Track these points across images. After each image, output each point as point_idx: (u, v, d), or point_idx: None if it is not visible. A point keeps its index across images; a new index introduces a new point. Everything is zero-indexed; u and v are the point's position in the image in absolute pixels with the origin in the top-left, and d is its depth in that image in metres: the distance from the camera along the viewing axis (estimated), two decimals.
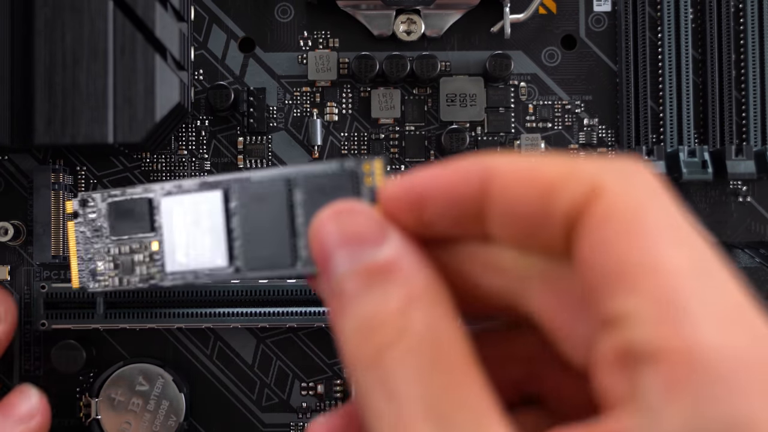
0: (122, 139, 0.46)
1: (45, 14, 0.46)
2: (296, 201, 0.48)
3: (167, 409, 0.54)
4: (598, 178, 0.28)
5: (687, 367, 0.24)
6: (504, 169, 0.30)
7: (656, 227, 0.27)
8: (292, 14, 0.57)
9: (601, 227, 0.27)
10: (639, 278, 0.26)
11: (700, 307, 0.25)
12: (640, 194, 0.28)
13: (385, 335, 0.30)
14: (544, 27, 0.57)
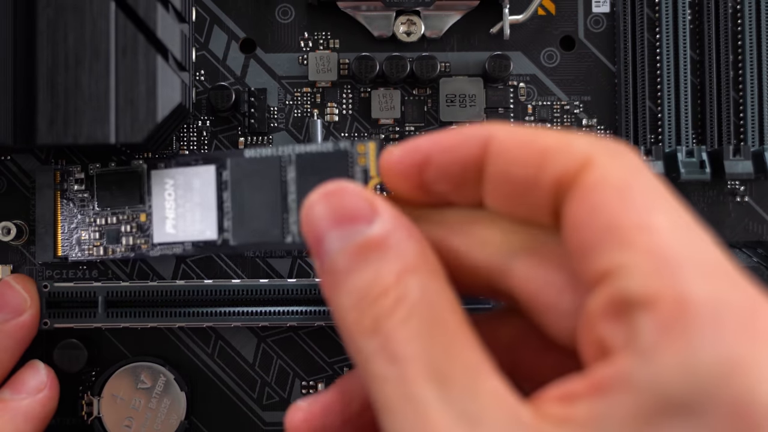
0: (124, 140, 0.46)
1: (47, 15, 0.46)
2: (288, 178, 0.49)
3: (169, 408, 0.54)
4: (590, 151, 0.30)
5: (679, 313, 0.26)
6: (503, 134, 0.32)
7: (644, 193, 0.29)
8: (292, 15, 0.57)
9: (593, 192, 0.29)
10: (631, 235, 0.28)
11: (688, 261, 0.27)
12: (629, 167, 0.30)
13: (384, 304, 0.31)
14: (543, 28, 0.57)
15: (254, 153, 0.50)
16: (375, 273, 0.31)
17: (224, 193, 0.51)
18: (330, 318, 0.53)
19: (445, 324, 0.31)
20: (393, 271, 0.31)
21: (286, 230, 0.49)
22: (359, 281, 0.32)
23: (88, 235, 0.54)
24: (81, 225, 0.54)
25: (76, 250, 0.54)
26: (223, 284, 0.54)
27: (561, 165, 0.30)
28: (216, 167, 0.52)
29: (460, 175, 0.33)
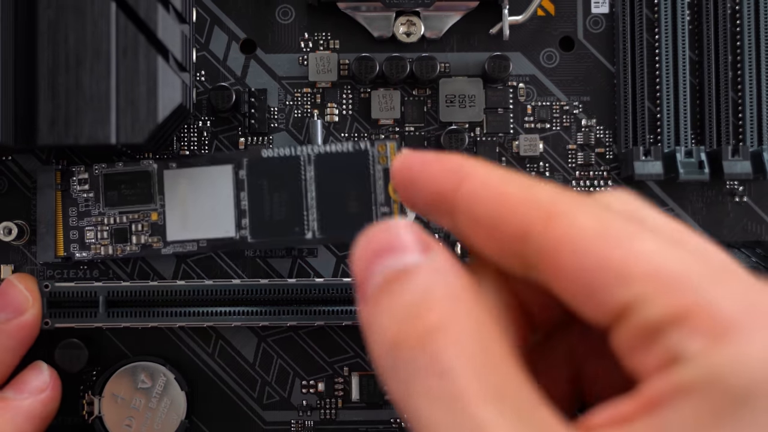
0: (125, 140, 0.46)
1: (48, 16, 0.46)
2: (308, 177, 0.51)
3: (169, 407, 0.54)
4: (553, 202, 0.31)
5: (714, 319, 0.27)
6: (476, 174, 0.33)
7: (619, 226, 0.29)
8: (292, 16, 0.57)
9: (570, 240, 0.29)
10: (626, 268, 0.28)
11: (693, 272, 0.28)
12: (594, 207, 0.30)
13: (431, 319, 0.31)
14: (542, 29, 0.57)
15: (271, 153, 0.51)
16: (424, 291, 0.32)
17: (241, 192, 0.52)
18: (330, 318, 0.53)
19: (495, 347, 0.31)
20: (442, 292, 0.32)
21: (307, 227, 0.51)
22: (405, 298, 0.32)
23: (95, 234, 0.54)
24: (87, 224, 0.54)
25: (82, 250, 0.54)
26: (223, 284, 0.54)
27: (524, 217, 0.31)
28: (233, 167, 0.52)
29: (434, 206, 0.34)
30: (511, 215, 0.31)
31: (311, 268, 0.56)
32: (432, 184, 0.34)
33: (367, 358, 0.56)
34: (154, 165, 0.54)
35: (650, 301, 0.27)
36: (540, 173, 0.56)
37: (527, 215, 0.31)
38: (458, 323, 0.31)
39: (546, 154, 0.56)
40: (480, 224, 0.33)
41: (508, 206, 0.32)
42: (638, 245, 0.28)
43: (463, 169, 0.34)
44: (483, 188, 0.33)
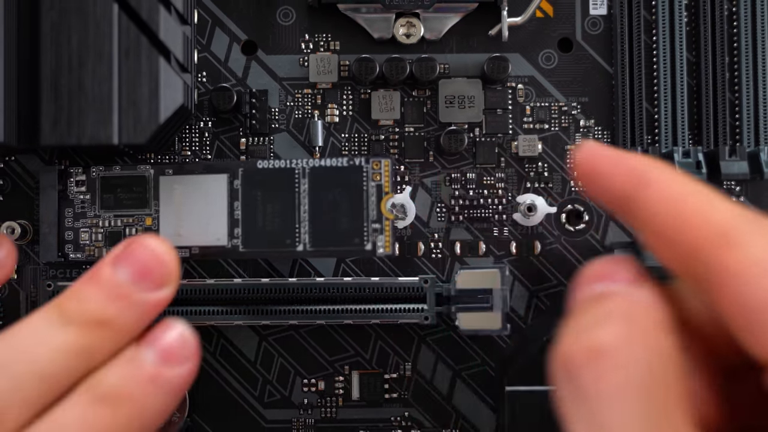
0: (127, 140, 0.46)
1: (51, 18, 0.46)
2: (302, 190, 0.51)
3: None
4: (731, 225, 0.30)
5: None
6: (658, 180, 0.33)
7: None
8: (293, 17, 0.57)
9: (737, 273, 0.29)
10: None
11: None
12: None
13: (604, 338, 0.32)
14: (541, 30, 0.57)
15: (267, 164, 0.52)
16: (608, 312, 0.33)
17: (235, 201, 0.53)
18: (330, 317, 0.53)
19: (663, 386, 0.31)
20: (624, 316, 0.32)
21: (298, 239, 0.51)
22: (590, 315, 0.33)
23: (90, 236, 0.54)
24: (82, 226, 0.55)
25: (76, 251, 0.55)
26: (224, 284, 0.54)
27: (698, 234, 0.31)
28: (228, 176, 0.53)
29: (613, 202, 0.34)
30: (687, 230, 0.31)
31: (312, 268, 0.56)
32: (613, 183, 0.34)
33: (366, 356, 0.56)
34: (151, 170, 0.54)
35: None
36: (538, 173, 0.57)
37: (701, 232, 0.30)
38: (631, 350, 0.31)
39: (545, 154, 0.57)
40: (658, 234, 0.32)
41: (684, 219, 0.31)
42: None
43: (645, 175, 0.33)
44: (663, 198, 0.33)
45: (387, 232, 0.53)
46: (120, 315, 0.44)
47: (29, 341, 0.42)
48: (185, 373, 0.44)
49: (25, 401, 0.41)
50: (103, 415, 0.42)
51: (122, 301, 0.43)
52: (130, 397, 0.42)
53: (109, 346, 0.43)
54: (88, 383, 0.42)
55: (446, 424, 0.56)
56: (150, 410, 0.43)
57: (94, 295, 0.43)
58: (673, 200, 0.32)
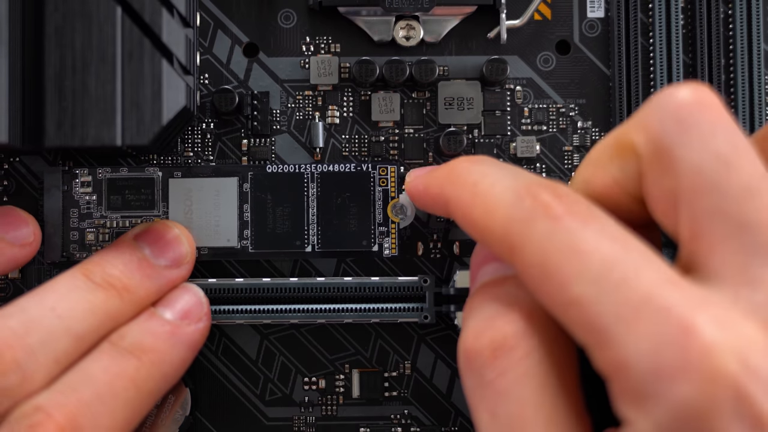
0: (130, 142, 0.46)
1: (55, 20, 0.47)
2: (310, 193, 0.52)
3: (173, 404, 0.55)
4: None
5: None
6: (454, 201, 0.42)
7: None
8: (294, 20, 0.57)
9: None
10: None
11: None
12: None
13: (507, 330, 0.36)
14: (539, 33, 0.58)
15: (276, 168, 0.52)
16: (512, 301, 0.37)
17: (245, 204, 0.53)
18: (331, 316, 0.54)
19: (558, 373, 0.36)
20: (513, 325, 0.36)
21: (307, 241, 0.52)
22: (492, 305, 0.38)
23: (96, 236, 0.55)
24: (88, 226, 0.55)
25: (82, 250, 0.55)
26: (226, 283, 0.54)
27: (489, 241, 0.38)
28: (238, 179, 0.54)
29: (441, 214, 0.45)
30: (481, 236, 0.39)
31: (313, 267, 0.57)
32: (432, 207, 0.44)
33: (367, 355, 0.57)
34: (159, 172, 0.55)
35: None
36: (537, 174, 0.57)
37: (489, 240, 0.38)
38: (528, 343, 0.35)
39: (542, 155, 0.57)
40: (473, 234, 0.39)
41: (476, 230, 0.39)
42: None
43: (445, 197, 0.42)
44: (460, 215, 0.40)
45: (393, 234, 0.53)
46: (141, 283, 0.49)
47: (60, 301, 0.46)
48: (201, 329, 0.50)
49: (55, 356, 0.44)
50: (127, 365, 0.45)
51: (143, 270, 0.48)
52: (152, 349, 0.47)
53: (131, 310, 0.48)
54: (112, 338, 0.46)
55: (445, 422, 0.57)
56: (169, 362, 0.48)
57: (120, 263, 0.48)
58: (466, 217, 0.39)
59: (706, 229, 0.34)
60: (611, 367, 0.32)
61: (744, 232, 0.33)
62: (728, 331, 0.31)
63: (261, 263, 0.57)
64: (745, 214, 0.33)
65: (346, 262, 0.57)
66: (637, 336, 0.31)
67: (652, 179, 0.35)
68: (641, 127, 0.36)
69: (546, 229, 0.35)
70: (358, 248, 0.55)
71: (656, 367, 0.31)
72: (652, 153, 0.35)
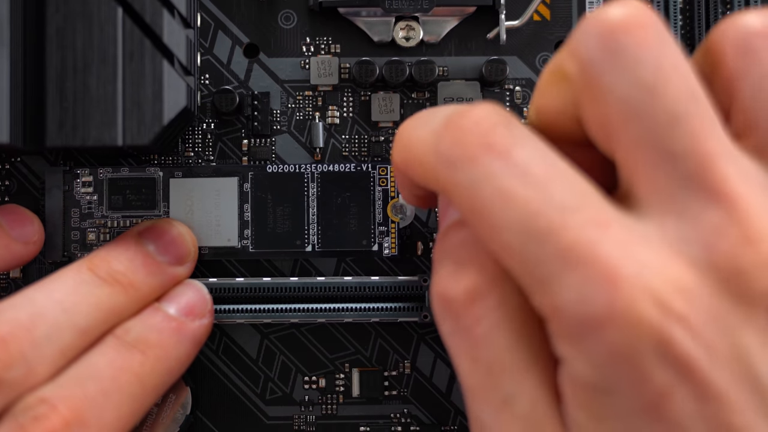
0: (131, 142, 0.47)
1: (56, 21, 0.47)
2: (311, 193, 0.53)
3: (174, 403, 0.55)
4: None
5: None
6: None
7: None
8: (295, 21, 0.58)
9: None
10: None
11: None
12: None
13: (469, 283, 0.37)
14: (538, 33, 0.58)
15: (276, 168, 0.53)
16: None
17: (245, 204, 0.54)
18: (331, 315, 0.54)
19: (532, 333, 0.36)
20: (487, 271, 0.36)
21: (307, 240, 0.52)
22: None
23: (97, 235, 0.55)
24: (89, 226, 0.55)
25: (83, 250, 0.55)
26: (227, 282, 0.54)
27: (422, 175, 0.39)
28: (238, 179, 0.54)
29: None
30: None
31: (313, 267, 0.57)
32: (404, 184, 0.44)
33: (367, 354, 0.57)
34: (160, 172, 0.55)
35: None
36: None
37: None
38: (503, 289, 0.36)
39: None
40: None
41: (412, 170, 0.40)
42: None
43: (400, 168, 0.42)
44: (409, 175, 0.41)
45: (393, 234, 0.54)
46: (146, 280, 0.49)
47: (65, 294, 0.46)
48: (204, 325, 0.51)
49: (61, 349, 0.45)
50: (132, 360, 0.46)
51: (148, 267, 0.48)
52: (157, 344, 0.47)
53: (135, 306, 0.48)
54: (117, 333, 0.47)
55: (445, 421, 0.57)
56: (174, 358, 0.48)
57: (125, 259, 0.48)
58: (409, 175, 0.40)
59: (635, 158, 0.33)
60: (546, 311, 0.33)
61: (671, 161, 0.33)
62: (651, 275, 0.31)
63: (261, 263, 0.57)
64: (671, 141, 0.32)
65: (346, 262, 0.57)
66: (567, 284, 0.32)
67: (585, 107, 0.35)
68: (572, 53, 0.35)
69: (467, 171, 0.35)
70: (358, 248, 0.55)
71: (585, 314, 0.31)
72: (583, 81, 0.34)
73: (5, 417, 0.43)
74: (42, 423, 0.42)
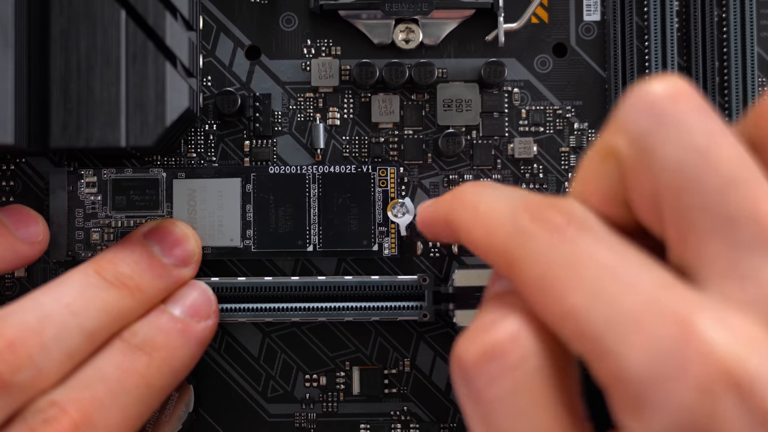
0: (134, 143, 0.47)
1: (60, 23, 0.47)
2: (312, 194, 0.53)
3: (177, 400, 0.55)
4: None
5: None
6: (460, 224, 0.42)
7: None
8: (296, 23, 0.58)
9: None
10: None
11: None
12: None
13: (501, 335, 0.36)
14: (536, 36, 0.58)
15: (278, 169, 0.53)
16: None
17: (248, 204, 0.54)
18: (332, 314, 0.54)
19: (550, 403, 0.35)
20: (505, 333, 0.36)
21: (309, 241, 0.53)
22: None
23: (101, 235, 0.56)
24: (93, 226, 0.56)
25: (87, 250, 0.56)
26: (228, 282, 0.55)
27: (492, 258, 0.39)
28: (241, 180, 0.54)
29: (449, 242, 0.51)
30: (489, 256, 0.39)
31: (314, 267, 0.57)
32: (442, 236, 0.45)
33: (367, 352, 0.57)
34: (163, 173, 0.55)
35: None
36: (534, 175, 0.57)
37: (493, 257, 0.39)
38: (520, 352, 0.35)
39: (540, 156, 0.58)
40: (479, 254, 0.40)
41: (482, 250, 0.39)
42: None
43: (452, 223, 0.42)
44: (468, 239, 0.40)
45: (393, 234, 0.54)
46: (152, 282, 0.49)
47: (73, 297, 0.46)
48: (209, 326, 0.51)
49: (68, 352, 0.45)
50: (139, 362, 0.46)
51: (154, 269, 0.48)
52: (163, 346, 0.47)
53: (141, 308, 0.48)
54: (124, 335, 0.47)
55: (444, 418, 0.57)
56: (179, 359, 0.48)
57: (131, 261, 0.49)
58: (470, 238, 0.40)
59: (691, 228, 0.33)
60: (609, 378, 0.32)
61: (729, 226, 0.32)
62: (726, 331, 0.30)
63: (263, 262, 0.57)
64: (729, 206, 0.32)
65: (346, 262, 0.57)
66: (635, 345, 0.31)
67: (634, 182, 0.35)
68: (619, 128, 0.35)
69: (542, 242, 0.35)
70: (359, 248, 0.55)
71: (654, 374, 0.30)
72: (633, 154, 0.34)
73: (16, 420, 0.43)
74: (52, 425, 0.42)
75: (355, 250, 0.55)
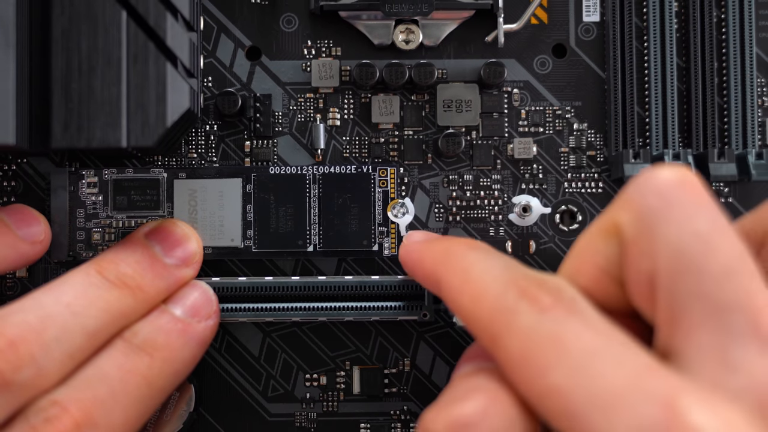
0: (135, 143, 0.47)
1: (62, 24, 0.47)
2: (313, 194, 0.53)
3: (178, 400, 0.55)
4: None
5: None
6: (446, 284, 0.43)
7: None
8: (296, 24, 0.58)
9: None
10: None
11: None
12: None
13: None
14: (535, 36, 0.58)
15: (279, 170, 0.53)
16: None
17: (248, 204, 0.54)
18: (332, 314, 0.54)
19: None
20: (473, 408, 0.36)
21: (309, 241, 0.53)
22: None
23: (102, 235, 0.56)
24: (94, 226, 0.56)
25: (88, 249, 0.56)
26: (229, 282, 0.55)
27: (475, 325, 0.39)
28: (241, 180, 0.54)
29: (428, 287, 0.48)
30: (469, 321, 0.39)
31: (314, 267, 0.58)
32: (422, 280, 0.47)
33: (367, 352, 0.58)
34: (164, 173, 0.55)
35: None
36: (534, 175, 0.58)
37: (477, 324, 0.39)
38: (487, 426, 0.35)
39: (539, 156, 0.58)
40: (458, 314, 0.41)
41: (464, 314, 0.40)
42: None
43: (437, 276, 0.43)
44: (450, 300, 0.41)
45: (393, 234, 0.54)
46: (153, 282, 0.49)
47: (76, 297, 0.46)
48: (210, 326, 0.51)
49: (70, 352, 0.45)
50: (140, 363, 0.46)
51: (155, 269, 0.48)
52: (164, 346, 0.47)
53: (142, 308, 0.48)
54: (125, 336, 0.47)
55: None
56: (181, 359, 0.48)
57: (133, 261, 0.49)
58: (455, 302, 0.40)
59: (683, 311, 0.33)
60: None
61: (722, 315, 0.32)
62: (711, 416, 0.30)
63: (264, 262, 0.57)
64: (724, 295, 0.32)
65: (346, 262, 0.57)
66: (618, 423, 0.31)
67: (633, 259, 0.35)
68: (626, 205, 0.36)
69: (528, 320, 0.35)
70: (359, 248, 0.55)
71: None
72: (636, 231, 0.35)
73: (17, 419, 0.43)
74: (53, 424, 0.42)
75: (356, 250, 0.55)
